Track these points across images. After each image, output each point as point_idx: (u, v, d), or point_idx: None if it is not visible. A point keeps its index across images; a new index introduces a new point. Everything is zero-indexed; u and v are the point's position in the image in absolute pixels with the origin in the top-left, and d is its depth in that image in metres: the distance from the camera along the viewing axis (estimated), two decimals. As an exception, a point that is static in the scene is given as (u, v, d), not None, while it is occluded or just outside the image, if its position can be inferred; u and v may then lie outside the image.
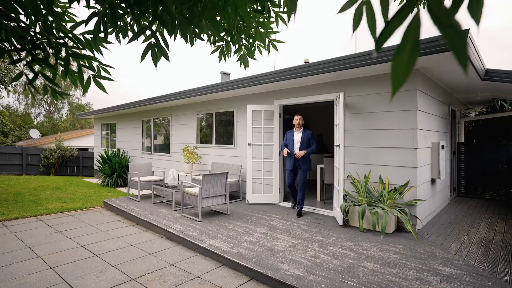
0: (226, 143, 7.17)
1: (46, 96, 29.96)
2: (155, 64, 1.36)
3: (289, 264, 3.13)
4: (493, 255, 3.38)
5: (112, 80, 1.42)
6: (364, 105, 4.78)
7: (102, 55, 1.43)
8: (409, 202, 4.23)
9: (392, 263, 3.13)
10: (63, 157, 14.22)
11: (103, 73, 1.48)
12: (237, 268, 3.20)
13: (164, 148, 9.37)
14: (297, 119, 5.12)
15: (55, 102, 30.07)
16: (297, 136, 5.09)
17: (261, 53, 1.86)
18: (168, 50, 1.37)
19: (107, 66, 1.46)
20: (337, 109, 4.89)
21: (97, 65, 1.46)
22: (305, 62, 6.85)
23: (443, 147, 5.13)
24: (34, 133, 19.54)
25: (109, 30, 1.37)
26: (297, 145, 5.02)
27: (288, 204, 5.89)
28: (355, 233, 4.16)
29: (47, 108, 30.12)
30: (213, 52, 1.85)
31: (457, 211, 5.53)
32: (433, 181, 5.07)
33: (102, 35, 1.35)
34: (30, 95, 28.10)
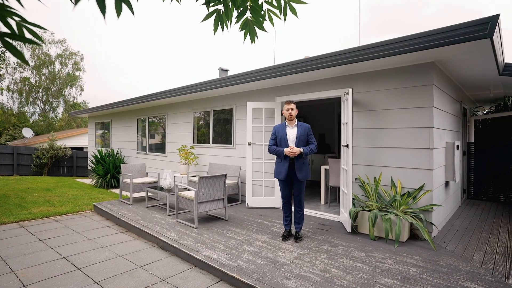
0: (225, 142, 6.79)
1: (41, 94, 29.27)
2: (103, 13, 0.97)
3: (296, 280, 2.76)
4: (523, 269, 3.03)
5: (38, 44, 0.99)
6: (374, 102, 4.42)
7: (22, 5, 0.95)
8: (424, 207, 3.87)
9: (412, 279, 2.77)
10: (56, 157, 13.78)
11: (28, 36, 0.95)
12: (237, 284, 2.83)
13: (160, 147, 8.97)
14: (289, 109, 3.88)
15: (50, 100, 29.37)
16: (291, 132, 3.89)
17: (272, 22, 1.38)
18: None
19: (33, 25, 0.94)
20: (344, 106, 4.52)
21: (17, 23, 0.93)
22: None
23: (457, 147, 4.78)
24: (27, 132, 19.05)
25: None
26: (292, 144, 3.86)
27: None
28: (366, 241, 3.79)
29: (42, 106, 29.48)
30: (205, 18, 1.37)
31: (471, 215, 5.18)
32: (446, 183, 4.72)
33: None
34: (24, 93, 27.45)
